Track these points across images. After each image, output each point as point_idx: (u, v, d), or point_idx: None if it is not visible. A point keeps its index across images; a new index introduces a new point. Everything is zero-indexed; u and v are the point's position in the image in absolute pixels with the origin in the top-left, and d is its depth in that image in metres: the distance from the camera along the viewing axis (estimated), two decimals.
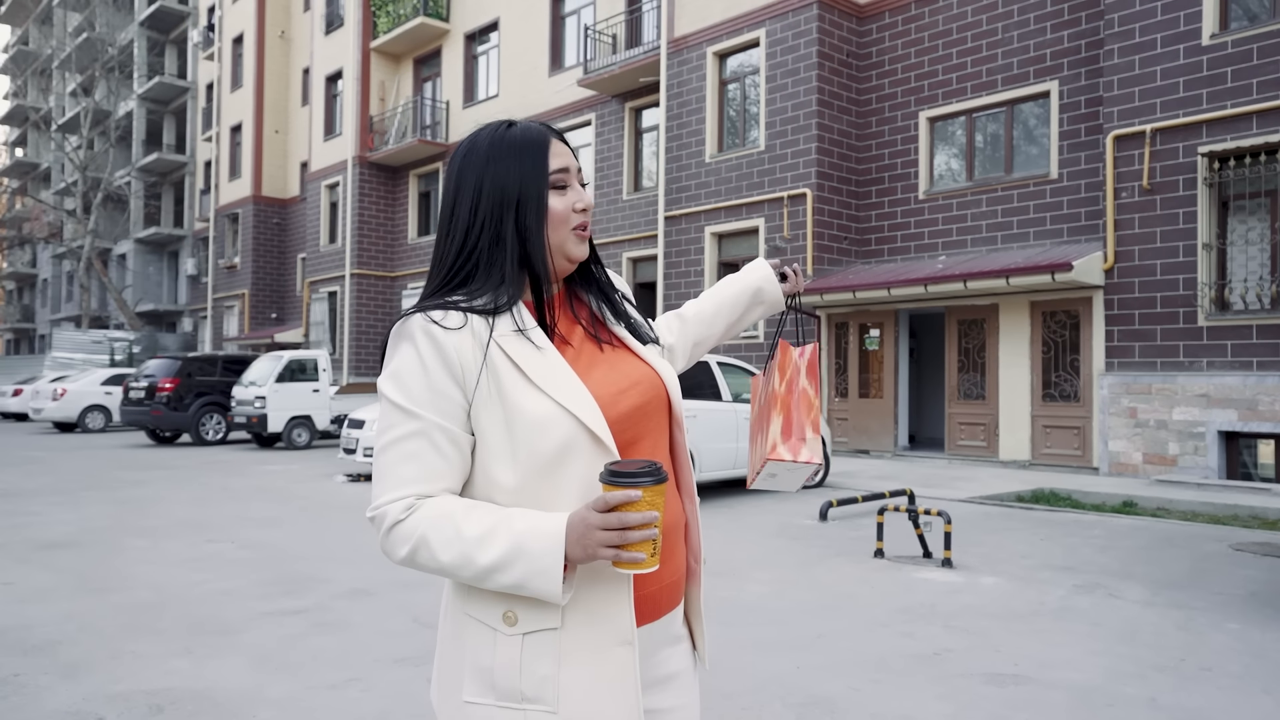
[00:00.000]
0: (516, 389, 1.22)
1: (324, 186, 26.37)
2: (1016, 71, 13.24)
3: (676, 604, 1.36)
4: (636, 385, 1.33)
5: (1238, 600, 5.35)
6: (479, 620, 1.25)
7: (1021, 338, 12.70)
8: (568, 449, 1.21)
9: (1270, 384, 10.25)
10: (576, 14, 20.10)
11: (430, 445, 1.23)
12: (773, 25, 15.07)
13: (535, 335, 1.28)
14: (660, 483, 1.14)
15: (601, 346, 1.36)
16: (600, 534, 1.12)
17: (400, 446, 1.23)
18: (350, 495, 9.99)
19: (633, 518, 1.11)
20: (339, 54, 25.75)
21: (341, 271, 25.19)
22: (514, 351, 1.24)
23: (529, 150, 1.32)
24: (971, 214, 13.72)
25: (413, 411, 1.23)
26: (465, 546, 1.18)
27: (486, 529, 1.18)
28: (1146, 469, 11.13)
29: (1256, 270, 10.65)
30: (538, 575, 1.15)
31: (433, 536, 1.19)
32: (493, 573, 1.17)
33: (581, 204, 1.33)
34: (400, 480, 1.22)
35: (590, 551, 1.14)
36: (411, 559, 1.21)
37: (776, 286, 1.76)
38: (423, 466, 1.23)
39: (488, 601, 1.24)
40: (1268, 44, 10.36)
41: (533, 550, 1.15)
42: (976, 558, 6.52)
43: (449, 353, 1.23)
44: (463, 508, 1.21)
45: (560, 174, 1.32)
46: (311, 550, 6.82)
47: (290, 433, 16.02)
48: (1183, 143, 10.93)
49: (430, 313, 1.25)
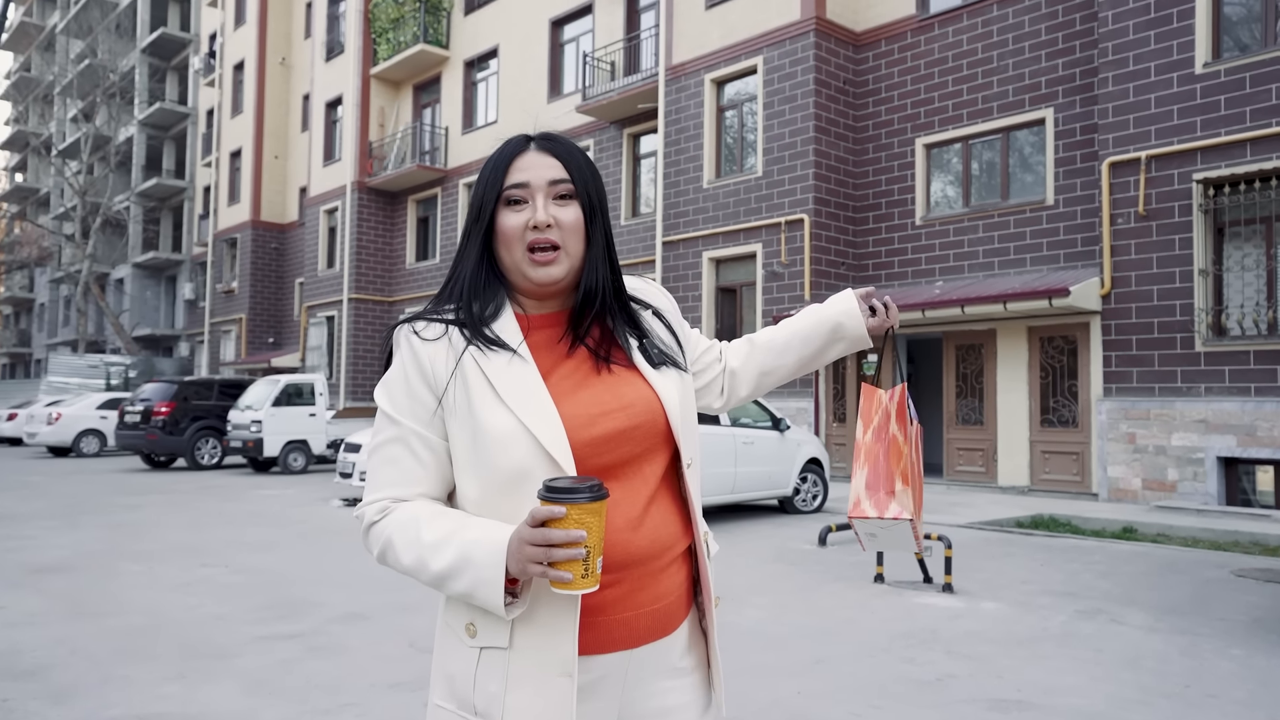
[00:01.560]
0: (483, 403, 1.23)
1: (323, 211, 26.45)
2: (1012, 99, 13.35)
3: (667, 632, 1.30)
4: (626, 409, 1.27)
5: (1241, 627, 5.31)
6: (450, 627, 1.29)
7: (1019, 363, 12.71)
8: (524, 469, 1.20)
9: (1268, 410, 10.25)
10: (575, 41, 20.29)
11: (408, 451, 1.26)
12: (770, 53, 15.20)
13: (514, 351, 1.26)
14: (595, 500, 1.10)
15: (601, 368, 1.30)
16: (528, 549, 1.11)
17: (383, 451, 1.28)
18: (346, 520, 9.92)
19: (556, 535, 1.08)
20: (339, 80, 25.93)
21: (339, 296, 25.21)
22: (487, 365, 1.25)
23: (493, 162, 1.31)
24: (968, 240, 13.77)
25: (395, 418, 1.28)
26: (422, 551, 1.20)
27: (443, 535, 1.20)
28: (1146, 495, 11.09)
29: (1253, 296, 10.68)
30: (482, 585, 1.16)
31: (397, 539, 1.22)
32: (445, 579, 1.19)
33: (532, 221, 1.26)
34: (380, 483, 1.27)
35: (521, 566, 1.12)
36: (383, 558, 1.26)
37: (859, 322, 1.57)
38: (400, 471, 1.27)
39: (457, 610, 1.27)
40: (1259, 73, 10.45)
41: (477, 560, 1.16)
42: (977, 583, 6.47)
43: (424, 362, 1.26)
44: (428, 513, 1.23)
45: (516, 189, 1.27)
46: (307, 574, 6.76)
47: (286, 457, 15.95)
48: (1177, 169, 11.00)
49: (414, 323, 1.29)
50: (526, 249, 1.27)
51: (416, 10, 23.52)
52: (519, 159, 1.30)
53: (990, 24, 13.64)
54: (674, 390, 1.33)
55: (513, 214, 1.28)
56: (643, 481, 1.28)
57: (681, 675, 1.33)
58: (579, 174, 1.30)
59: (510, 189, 1.28)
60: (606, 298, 1.34)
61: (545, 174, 1.28)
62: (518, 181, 1.28)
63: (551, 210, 1.27)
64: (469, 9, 23.27)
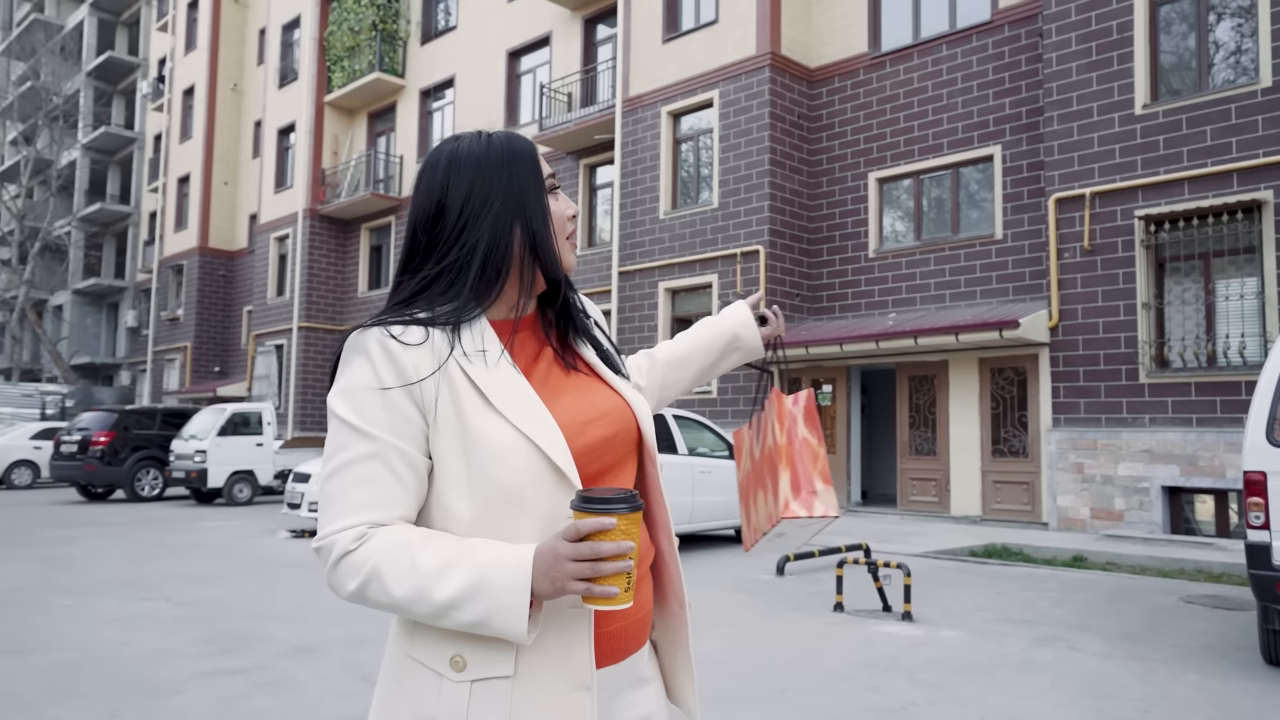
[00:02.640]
0: (476, 413, 1.13)
1: (273, 239, 26.05)
2: (961, 136, 13.68)
3: (643, 643, 1.27)
4: (606, 415, 1.24)
5: (1194, 652, 5.37)
6: (423, 664, 1.15)
7: (971, 394, 12.89)
8: (528, 482, 1.12)
9: (1209, 440, 10.50)
10: (532, 72, 20.37)
11: (386, 469, 1.12)
12: (726, 87, 15.40)
13: (499, 356, 1.19)
14: (636, 510, 1.05)
15: (569, 372, 1.27)
16: (571, 565, 1.03)
17: (352, 470, 1.12)
18: (294, 551, 9.64)
19: (606, 547, 1.02)
20: (292, 107, 25.69)
21: (289, 324, 24.77)
22: (476, 373, 1.15)
23: (524, 157, 1.26)
24: (920, 272, 14.00)
25: (367, 432, 1.13)
26: (422, 580, 1.07)
27: (446, 560, 1.08)
28: (1094, 524, 11.26)
29: (1193, 330, 10.98)
30: (501, 611, 1.05)
31: (386, 568, 1.08)
32: (451, 609, 1.07)
33: (571, 211, 1.29)
34: (351, 506, 1.11)
35: (559, 585, 1.04)
36: (361, 593, 1.10)
37: (755, 333, 1.66)
38: (377, 492, 1.12)
39: (435, 643, 1.14)
40: (1195, 115, 10.84)
41: (496, 584, 1.05)
42: (935, 611, 6.48)
43: (407, 370, 1.13)
44: (419, 537, 1.11)
45: (552, 178, 1.29)
46: (253, 607, 6.52)
47: (231, 488, 15.51)
48: (1120, 206, 11.33)
49: (390, 326, 1.16)
50: (565, 236, 1.28)
51: (372, 39, 23.46)
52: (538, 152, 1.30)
53: (940, 63, 13.99)
54: (638, 398, 1.32)
55: (554, 202, 1.28)
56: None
57: (646, 684, 1.29)
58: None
59: (551, 178, 1.28)
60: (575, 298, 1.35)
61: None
62: (552, 171, 1.30)
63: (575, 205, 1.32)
64: (425, 39, 23.27)
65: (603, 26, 19.05)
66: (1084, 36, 11.73)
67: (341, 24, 24.32)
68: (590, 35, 19.15)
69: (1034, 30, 12.98)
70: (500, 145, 1.25)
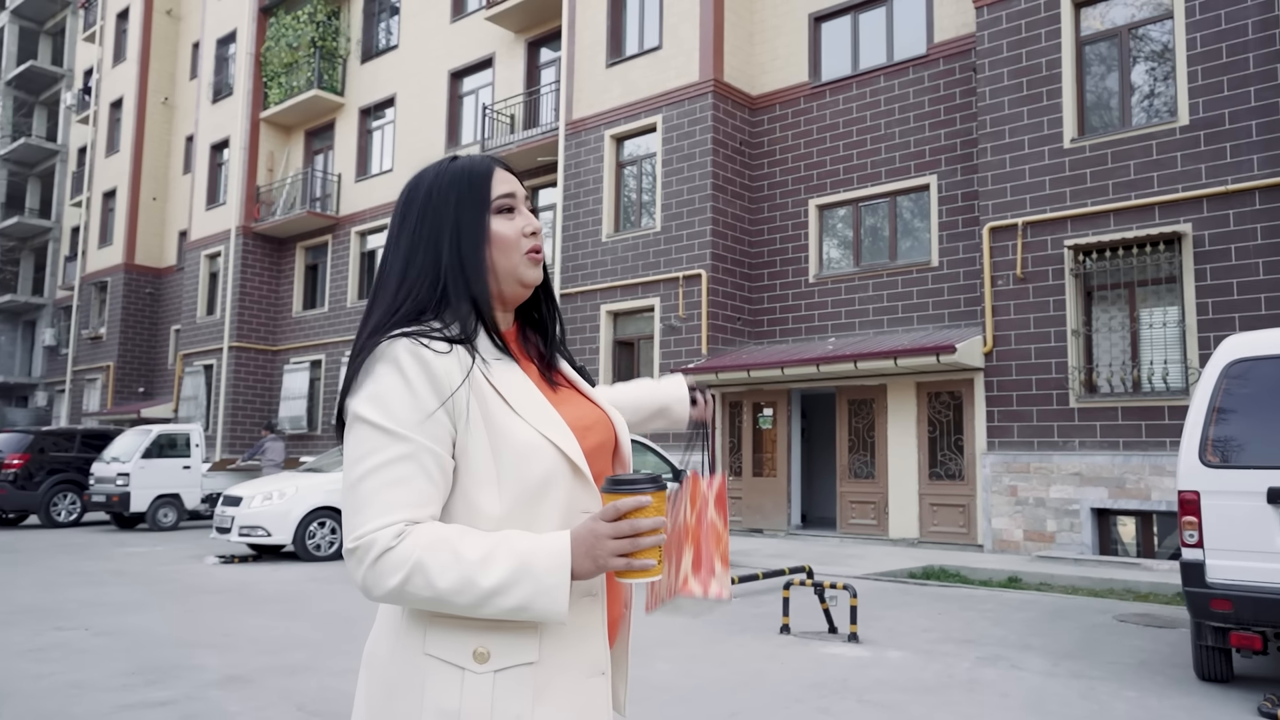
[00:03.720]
0: (503, 416, 1.22)
1: (204, 256, 25.34)
2: (898, 165, 14.00)
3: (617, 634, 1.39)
4: (596, 424, 1.35)
5: (1131, 669, 5.48)
6: (443, 660, 1.18)
7: (909, 418, 13.10)
8: (551, 478, 1.22)
9: (1135, 463, 10.83)
10: (475, 94, 20.28)
11: (420, 469, 1.18)
12: (669, 112, 15.53)
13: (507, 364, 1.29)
14: (662, 489, 1.16)
15: (554, 387, 1.36)
16: (611, 543, 1.13)
17: (386, 471, 1.17)
18: (224, 577, 9.27)
19: (644, 523, 1.13)
20: (226, 122, 25.12)
21: (219, 344, 24.07)
22: (497, 379, 1.25)
23: (470, 177, 1.33)
24: (859, 298, 14.23)
25: (400, 434, 1.18)
26: (466, 569, 1.12)
27: (486, 551, 1.14)
28: (1027, 545, 11.50)
29: (1119, 356, 11.35)
30: (543, 594, 1.13)
31: (429, 562, 1.13)
32: (494, 596, 1.13)
33: (530, 227, 1.34)
34: (388, 506, 1.16)
35: (601, 562, 1.13)
36: (401, 588, 1.13)
37: (685, 409, 1.76)
38: (412, 491, 1.17)
39: (456, 638, 1.18)
40: (1119, 150, 11.28)
41: (538, 568, 1.13)
42: (880, 632, 6.50)
43: (439, 376, 1.20)
44: (457, 532, 1.16)
45: (506, 198, 1.33)
46: (180, 636, 6.23)
47: (155, 513, 14.91)
48: (1050, 236, 11.69)
49: (415, 336, 1.22)
50: (524, 253, 1.33)
51: (311, 56, 23.12)
52: (495, 174, 1.35)
53: (878, 94, 14.33)
54: (615, 411, 1.43)
55: (507, 222, 1.33)
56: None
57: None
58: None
59: (501, 198, 1.33)
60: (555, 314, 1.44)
61: (519, 188, 1.37)
62: (506, 192, 1.34)
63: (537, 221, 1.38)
64: (366, 57, 23.03)
65: (546, 50, 19.09)
66: (1015, 72, 12.13)
67: (279, 40, 23.93)
68: (534, 58, 19.17)
69: (968, 65, 13.39)
70: (455, 167, 1.35)
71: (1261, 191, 10.33)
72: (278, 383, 23.93)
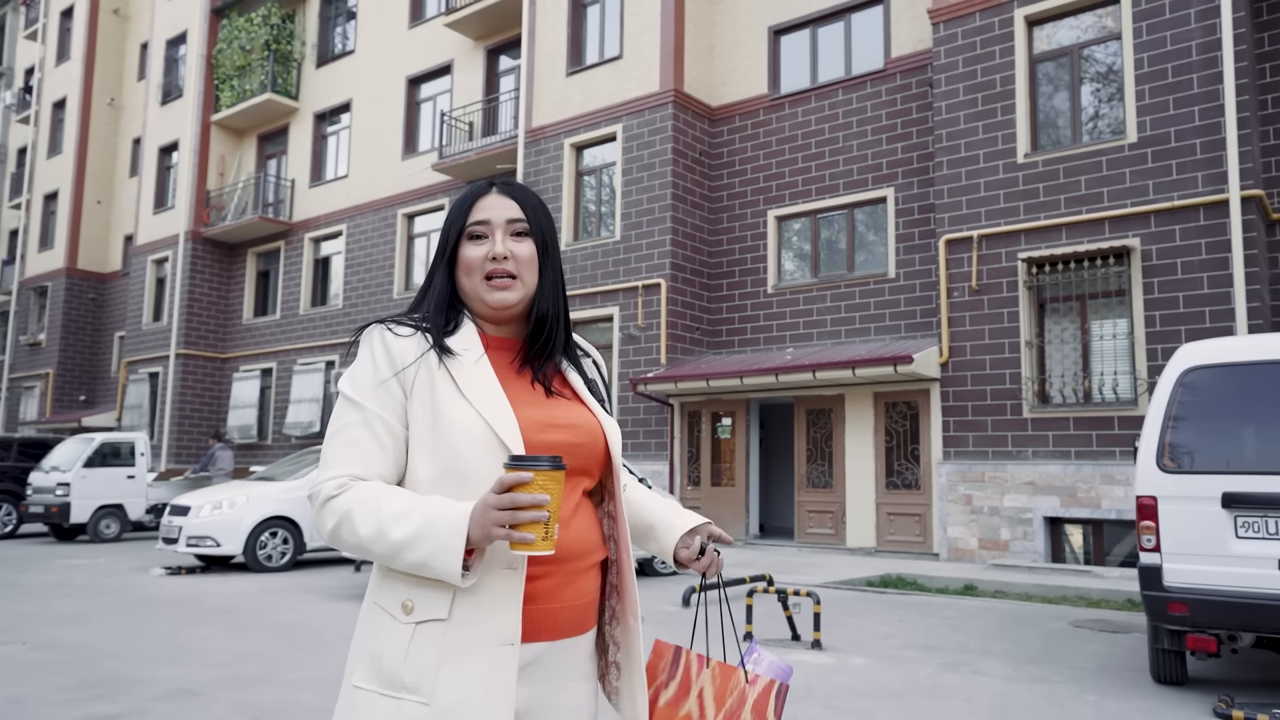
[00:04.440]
0: (447, 395, 1.37)
1: (151, 261, 24.73)
2: (856, 177, 14.16)
3: (583, 630, 1.44)
4: (573, 427, 1.43)
5: (1090, 673, 5.54)
6: (382, 607, 1.36)
7: (866, 427, 13.21)
8: (478, 449, 1.34)
9: (1086, 472, 11.04)
10: (433, 100, 20.11)
11: (369, 433, 1.37)
12: (629, 121, 15.55)
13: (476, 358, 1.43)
14: (556, 469, 1.23)
15: (550, 395, 1.47)
16: (494, 513, 1.22)
17: (344, 434, 1.38)
18: (171, 589, 8.99)
19: (523, 498, 1.20)
20: (175, 125, 24.59)
21: (166, 351, 23.47)
22: (452, 364, 1.40)
23: (460, 202, 1.50)
24: (817, 309, 14.34)
25: (358, 402, 1.38)
26: (382, 522, 1.28)
27: (403, 509, 1.29)
28: (982, 554, 11.64)
29: (1071, 367, 11.57)
30: (440, 553, 1.24)
31: (356, 512, 1.30)
32: (402, 549, 1.27)
33: (494, 253, 1.44)
34: (339, 462, 1.36)
35: (486, 530, 1.22)
36: (336, 532, 1.32)
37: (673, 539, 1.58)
38: (360, 452, 1.36)
39: (393, 588, 1.35)
40: (1071, 165, 11.53)
41: (439, 529, 1.25)
42: (842, 639, 6.51)
43: (395, 354, 1.40)
44: (388, 490, 1.33)
45: (479, 225, 1.46)
46: (126, 649, 6.01)
47: (97, 524, 14.44)
48: (1005, 249, 11.90)
49: (388, 322, 1.43)
50: (484, 277, 1.45)
51: (265, 59, 22.74)
52: (482, 200, 1.48)
53: (836, 107, 14.49)
54: (612, 423, 1.52)
55: (474, 247, 1.47)
56: (574, 491, 1.44)
57: (586, 679, 1.46)
58: (533, 215, 1.49)
59: (473, 225, 1.47)
60: (556, 327, 1.52)
61: (504, 213, 1.47)
62: (480, 219, 1.47)
63: (509, 245, 1.46)
64: (321, 61, 22.72)
65: (505, 57, 19.01)
66: (970, 88, 12.36)
67: (232, 42, 23.51)
68: (493, 65, 19.08)
69: (924, 80, 13.61)
70: (460, 194, 1.53)
71: (1205, 208, 10.62)
72: (226, 391, 23.40)
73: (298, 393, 20.86)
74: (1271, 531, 4.71)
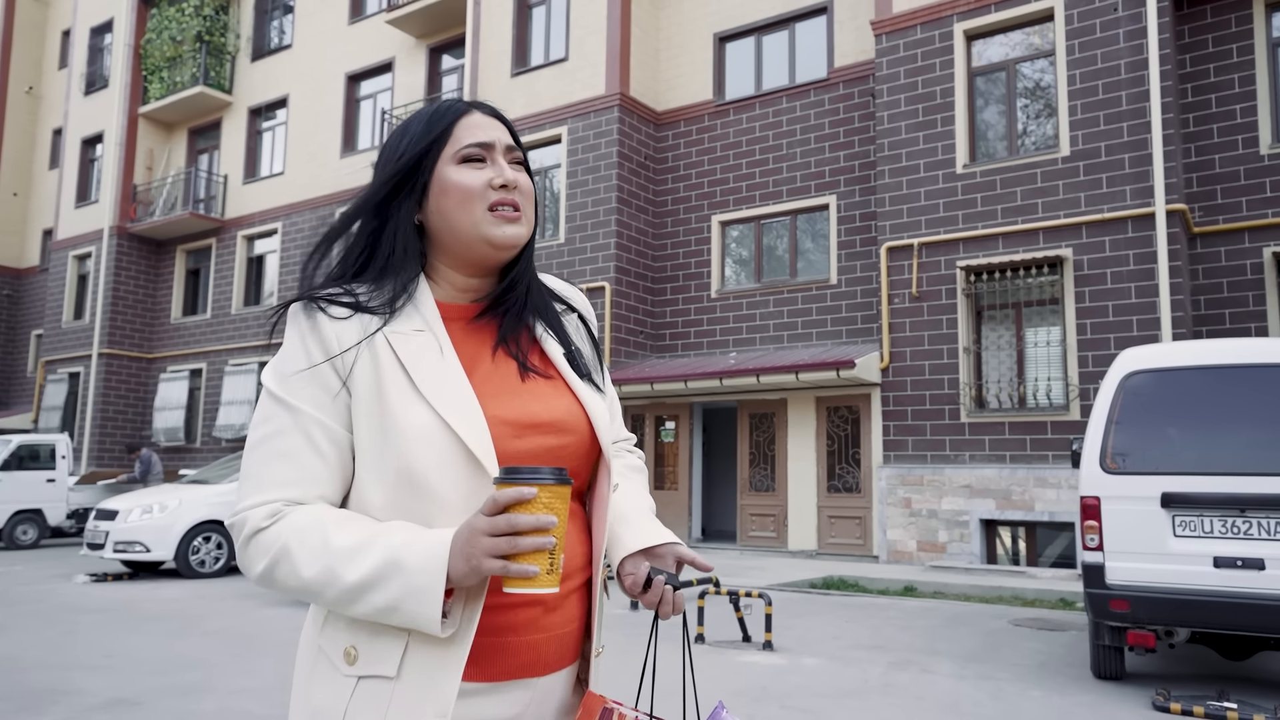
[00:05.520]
0: (398, 393, 1.08)
1: (72, 257, 23.78)
2: (799, 184, 14.34)
3: (568, 661, 1.18)
4: (556, 425, 1.16)
5: (1032, 670, 5.68)
6: (322, 651, 1.10)
7: (808, 431, 13.36)
8: (438, 467, 1.06)
9: (1020, 475, 11.34)
10: (373, 98, 19.77)
11: (306, 442, 1.08)
12: (575, 124, 15.50)
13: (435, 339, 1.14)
14: (563, 485, 0.98)
15: (526, 375, 1.19)
16: (486, 541, 0.96)
17: (272, 443, 1.09)
18: (99, 596, 8.63)
19: (524, 520, 0.95)
20: (100, 116, 23.71)
21: (88, 351, 22.58)
22: (404, 351, 1.11)
23: (435, 119, 1.19)
24: (760, 314, 14.47)
25: (289, 404, 1.09)
26: (332, 559, 1.01)
27: (360, 541, 1.02)
28: (920, 556, 11.87)
29: (1006, 373, 11.89)
30: (414, 595, 0.99)
31: (296, 547, 1.03)
32: (362, 592, 1.01)
33: (500, 179, 1.16)
34: (267, 482, 1.07)
35: (474, 563, 0.97)
36: (270, 574, 1.05)
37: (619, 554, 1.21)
38: (297, 468, 1.07)
39: (337, 632, 1.09)
40: (1007, 177, 11.86)
41: (410, 565, 0.99)
42: (792, 640, 6.56)
43: (329, 339, 1.10)
44: (336, 517, 1.05)
45: (474, 148, 1.17)
46: (52, 659, 5.74)
47: (13, 530, 13.80)
48: (944, 257, 12.17)
49: (319, 299, 1.13)
50: (488, 207, 1.16)
51: (196, 51, 22.08)
52: (468, 118, 1.20)
53: (780, 114, 14.66)
54: (601, 407, 1.23)
55: (471, 171, 1.17)
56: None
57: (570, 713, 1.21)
58: (522, 144, 1.25)
59: (470, 147, 1.17)
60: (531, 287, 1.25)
61: (504, 137, 1.20)
62: (479, 141, 1.18)
63: (512, 173, 1.19)
64: (257, 55, 22.15)
65: (448, 56, 18.79)
66: (912, 99, 12.62)
67: (162, 32, 22.78)
68: (435, 64, 18.84)
69: (866, 90, 13.86)
70: (428, 108, 1.21)
71: (1133, 220, 11.01)
72: (152, 392, 22.62)
73: (229, 394, 20.27)
74: (1207, 530, 4.89)
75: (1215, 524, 4.86)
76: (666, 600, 1.15)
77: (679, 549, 1.22)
